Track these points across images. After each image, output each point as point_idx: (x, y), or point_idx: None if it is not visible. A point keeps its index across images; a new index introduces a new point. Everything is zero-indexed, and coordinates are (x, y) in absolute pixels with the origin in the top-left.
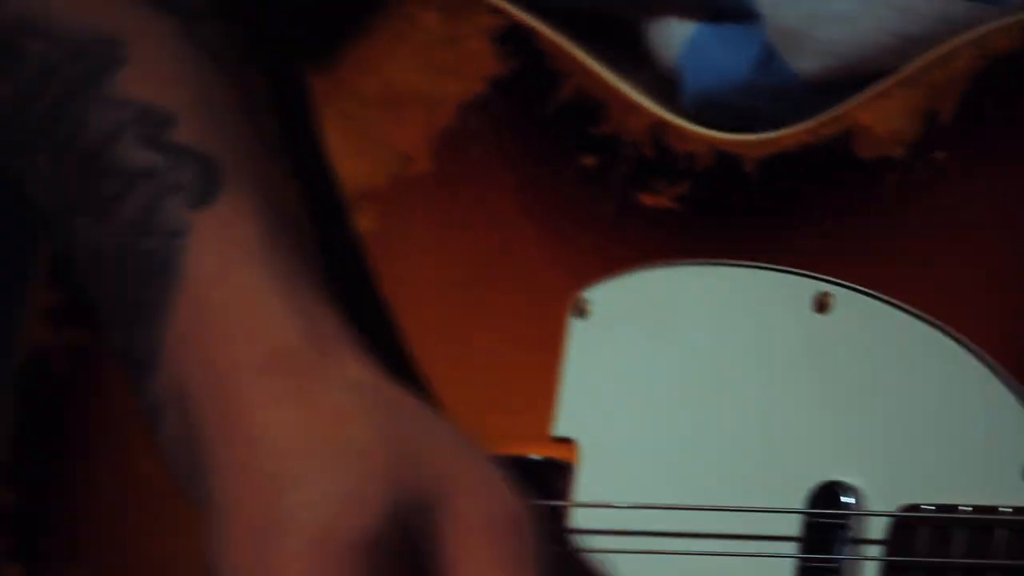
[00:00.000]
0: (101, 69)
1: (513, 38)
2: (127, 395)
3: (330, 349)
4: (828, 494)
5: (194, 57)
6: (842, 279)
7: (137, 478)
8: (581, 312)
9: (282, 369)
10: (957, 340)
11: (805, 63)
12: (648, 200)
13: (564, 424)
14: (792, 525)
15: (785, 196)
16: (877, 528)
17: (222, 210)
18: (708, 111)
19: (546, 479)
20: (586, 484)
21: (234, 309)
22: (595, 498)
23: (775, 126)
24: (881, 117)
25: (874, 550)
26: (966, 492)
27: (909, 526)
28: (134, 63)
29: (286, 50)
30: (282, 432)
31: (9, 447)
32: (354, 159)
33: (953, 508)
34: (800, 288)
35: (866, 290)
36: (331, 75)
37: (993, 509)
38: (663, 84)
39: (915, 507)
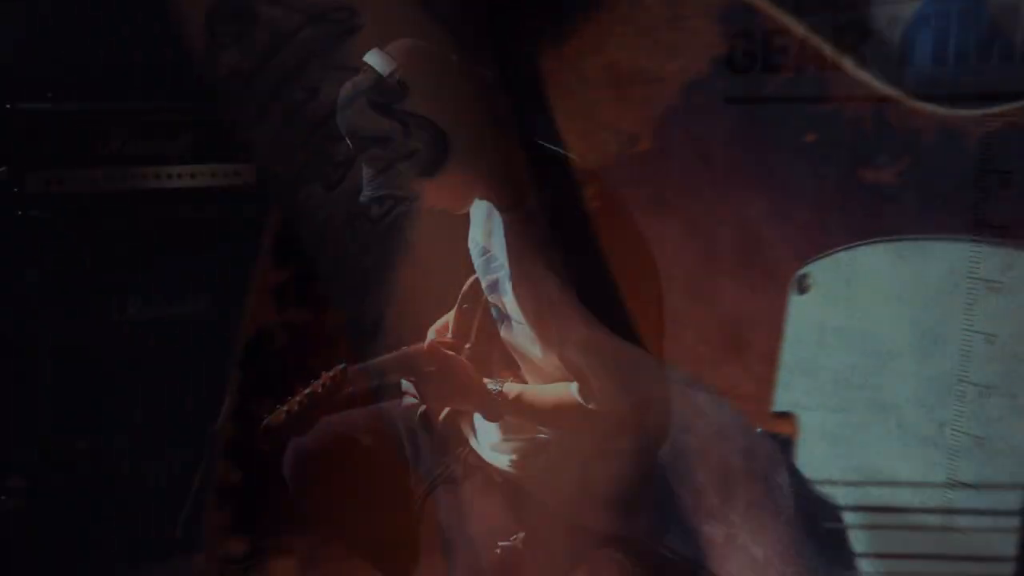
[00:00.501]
0: (336, 36)
1: (735, 16)
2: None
3: (556, 312)
4: None
5: (427, 28)
6: None
7: (355, 455)
8: (802, 287)
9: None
10: None
11: None
12: (869, 176)
13: (784, 398)
14: None
15: (1011, 169)
16: None
17: (449, 179)
18: (932, 86)
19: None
20: (806, 457)
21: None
22: (813, 472)
23: (999, 101)
24: None
25: None
26: None
27: None
28: (369, 31)
29: (519, 31)
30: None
31: (236, 423)
32: (577, 138)
33: None
34: None
35: None
36: (555, 56)
37: None
38: (887, 61)
39: None
